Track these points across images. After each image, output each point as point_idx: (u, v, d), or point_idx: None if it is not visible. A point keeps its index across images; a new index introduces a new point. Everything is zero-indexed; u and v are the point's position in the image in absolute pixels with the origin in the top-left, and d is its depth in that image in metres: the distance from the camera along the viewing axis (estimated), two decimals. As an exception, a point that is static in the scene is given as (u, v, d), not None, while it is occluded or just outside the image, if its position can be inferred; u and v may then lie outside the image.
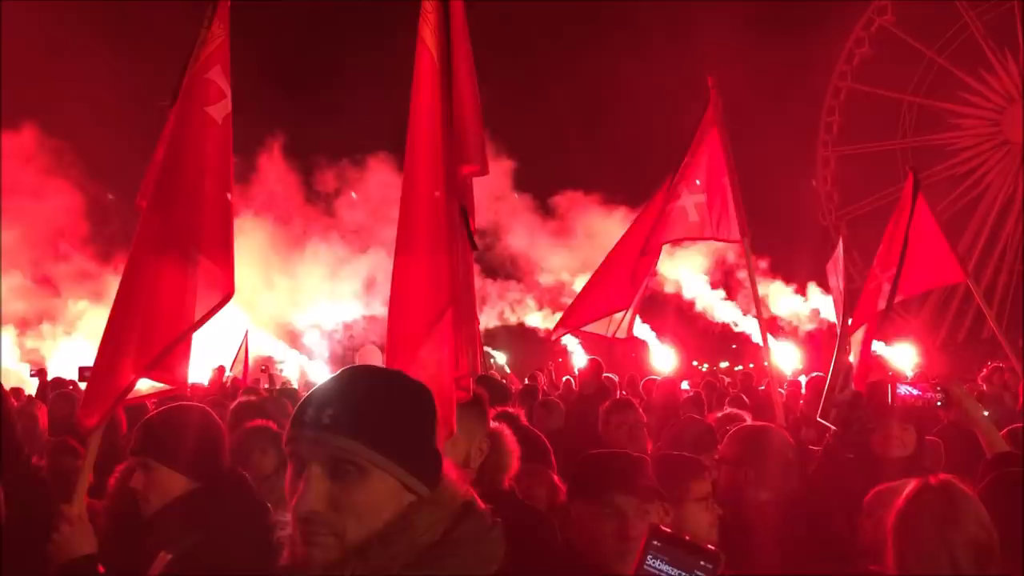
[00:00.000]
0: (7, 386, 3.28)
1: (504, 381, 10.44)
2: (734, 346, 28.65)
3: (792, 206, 34.32)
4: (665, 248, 5.66)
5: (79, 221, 20.20)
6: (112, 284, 19.68)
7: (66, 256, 20.14)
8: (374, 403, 1.53)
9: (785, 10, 33.18)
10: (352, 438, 1.46)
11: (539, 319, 23.65)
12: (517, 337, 26.08)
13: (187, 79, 3.17)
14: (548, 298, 23.39)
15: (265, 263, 21.74)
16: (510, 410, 4.13)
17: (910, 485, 2.39)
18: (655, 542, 1.53)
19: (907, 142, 37.03)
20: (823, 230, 35.61)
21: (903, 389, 4.82)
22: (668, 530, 1.56)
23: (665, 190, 5.29)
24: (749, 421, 5.36)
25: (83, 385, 10.74)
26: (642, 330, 21.41)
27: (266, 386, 11.12)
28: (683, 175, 5.19)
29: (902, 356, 15.85)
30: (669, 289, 21.40)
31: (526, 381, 13.60)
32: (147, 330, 2.90)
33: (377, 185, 21.64)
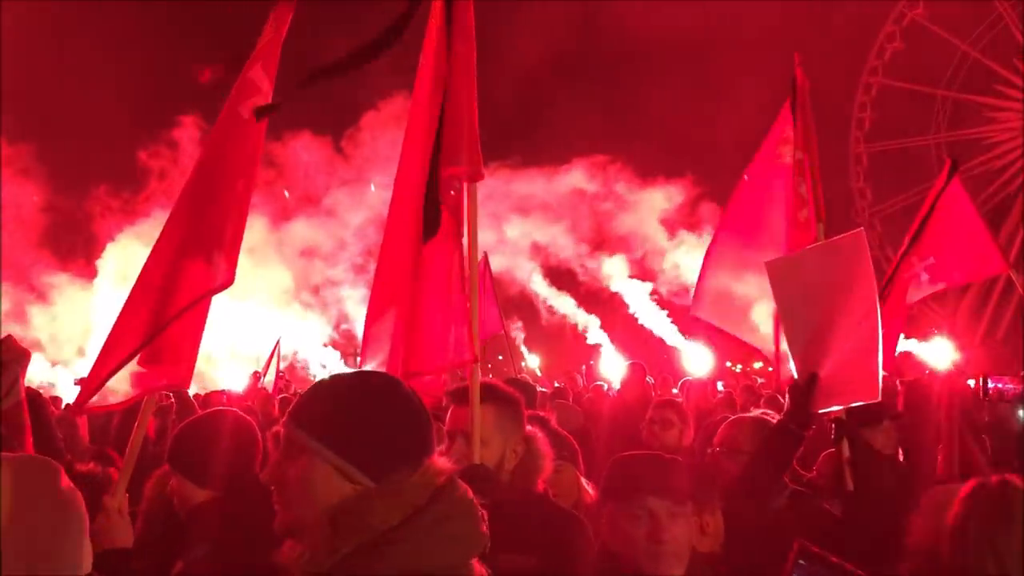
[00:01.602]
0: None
1: (535, 384, 10.43)
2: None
3: (824, 204, 33.92)
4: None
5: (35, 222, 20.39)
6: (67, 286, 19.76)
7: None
8: (322, 399, 1.77)
9: (815, 5, 32.91)
10: (295, 426, 1.73)
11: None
12: (552, 339, 26.08)
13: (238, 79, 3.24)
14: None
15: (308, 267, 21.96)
16: (541, 413, 4.11)
17: (967, 484, 2.34)
18: (801, 561, 1.56)
19: (941, 137, 36.50)
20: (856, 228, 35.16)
21: (993, 384, 4.72)
22: (816, 549, 1.56)
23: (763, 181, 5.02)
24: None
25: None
26: (671, 331, 21.33)
27: (283, 395, 11.27)
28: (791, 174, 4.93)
29: (939, 352, 15.56)
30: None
31: (556, 384, 13.59)
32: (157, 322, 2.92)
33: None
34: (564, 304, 23.39)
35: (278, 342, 14.07)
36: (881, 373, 3.07)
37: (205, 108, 20.73)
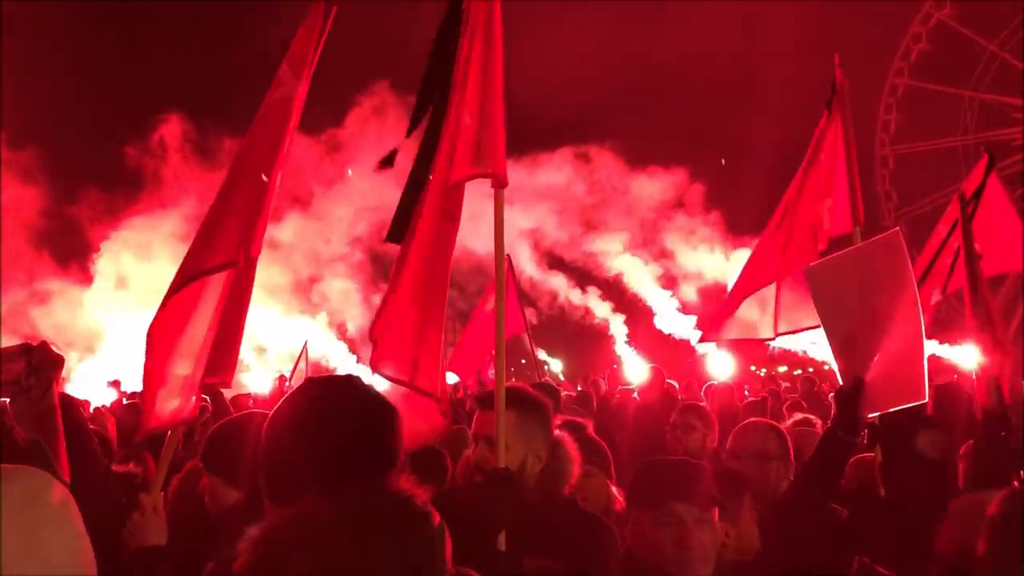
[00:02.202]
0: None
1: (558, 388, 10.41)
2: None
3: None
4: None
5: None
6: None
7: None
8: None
9: (840, 6, 32.69)
10: None
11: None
12: (574, 342, 26.02)
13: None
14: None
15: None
16: (578, 420, 4.09)
17: (1004, 490, 2.33)
18: None
19: (969, 138, 36.07)
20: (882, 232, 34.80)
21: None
22: (878, 568, 1.56)
23: (802, 188, 4.99)
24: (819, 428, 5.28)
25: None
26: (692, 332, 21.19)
27: None
28: (819, 176, 4.92)
29: (968, 355, 15.26)
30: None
31: (579, 388, 13.57)
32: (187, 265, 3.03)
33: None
34: (582, 298, 23.30)
35: (305, 345, 14.17)
36: (927, 373, 3.01)
37: (189, 106, 21.03)
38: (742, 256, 20.83)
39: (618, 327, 22.96)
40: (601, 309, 23.18)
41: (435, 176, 3.18)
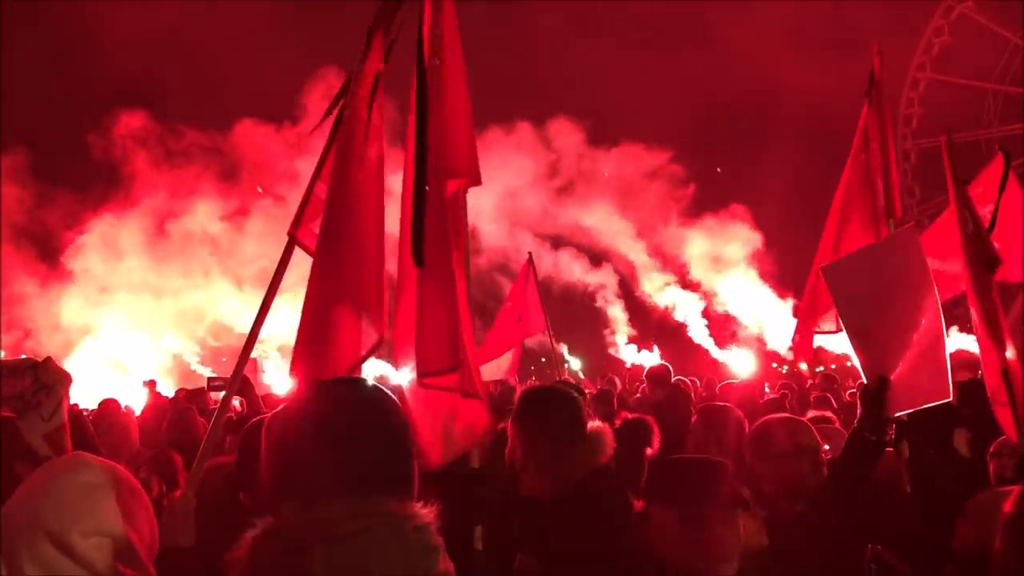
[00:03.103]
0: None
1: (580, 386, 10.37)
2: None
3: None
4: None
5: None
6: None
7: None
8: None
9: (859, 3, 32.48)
10: None
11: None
12: (593, 342, 25.97)
13: (345, 117, 3.12)
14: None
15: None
16: (644, 417, 4.05)
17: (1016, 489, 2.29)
18: (873, 565, 1.57)
19: (992, 131, 35.69)
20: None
21: None
22: (889, 558, 1.57)
23: (858, 182, 4.98)
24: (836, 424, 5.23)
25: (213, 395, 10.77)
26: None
27: None
28: (872, 165, 4.90)
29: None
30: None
31: (599, 388, 13.52)
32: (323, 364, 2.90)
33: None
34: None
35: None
36: (950, 370, 2.96)
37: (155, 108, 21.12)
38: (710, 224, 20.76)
39: (622, 327, 22.86)
40: (609, 301, 23.04)
41: (432, 189, 3.08)
